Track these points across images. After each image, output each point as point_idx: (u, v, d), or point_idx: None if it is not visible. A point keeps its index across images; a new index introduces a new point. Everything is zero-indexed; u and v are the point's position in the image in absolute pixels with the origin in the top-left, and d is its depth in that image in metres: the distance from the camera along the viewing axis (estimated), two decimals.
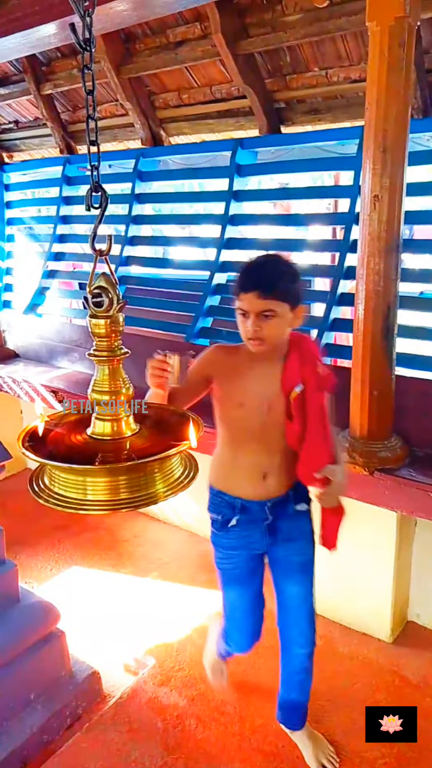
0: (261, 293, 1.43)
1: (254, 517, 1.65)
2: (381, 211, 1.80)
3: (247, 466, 1.63)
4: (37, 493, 1.00)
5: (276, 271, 1.47)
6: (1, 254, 4.18)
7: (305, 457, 1.59)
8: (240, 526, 1.66)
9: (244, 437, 1.61)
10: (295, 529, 1.70)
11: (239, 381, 1.58)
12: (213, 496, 1.72)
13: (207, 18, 2.58)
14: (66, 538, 3.07)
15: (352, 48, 2.42)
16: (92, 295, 0.95)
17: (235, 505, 1.65)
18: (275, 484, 1.63)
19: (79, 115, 3.58)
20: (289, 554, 1.71)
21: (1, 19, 2.62)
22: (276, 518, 1.66)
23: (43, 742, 1.90)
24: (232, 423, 1.62)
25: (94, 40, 0.87)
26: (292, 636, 1.77)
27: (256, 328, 1.45)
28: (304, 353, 1.57)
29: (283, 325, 1.48)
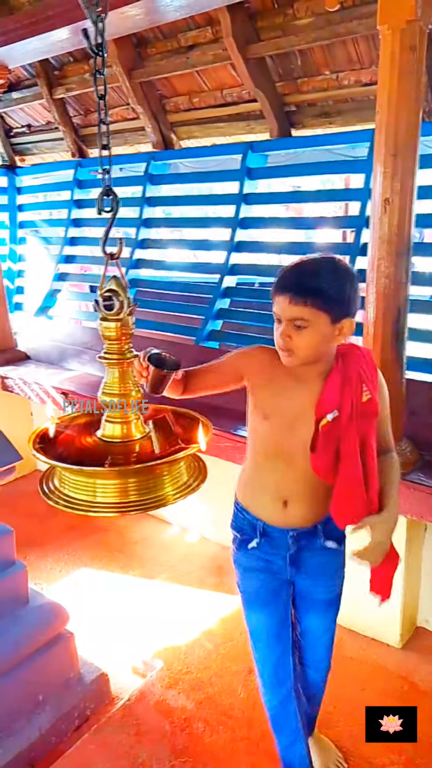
0: (293, 298, 1.23)
1: (276, 544, 1.47)
2: (392, 215, 1.80)
3: (268, 489, 1.45)
4: (47, 495, 1.00)
5: (317, 274, 1.24)
6: (13, 257, 4.22)
7: (335, 501, 1.37)
8: (261, 549, 1.49)
9: (267, 455, 1.44)
10: (322, 566, 1.50)
11: (270, 391, 1.39)
12: (236, 511, 1.56)
13: (218, 22, 2.59)
14: (75, 539, 3.08)
15: (363, 51, 2.42)
16: (103, 298, 0.96)
17: (256, 526, 1.48)
18: (298, 514, 1.43)
19: (91, 119, 3.61)
20: (315, 591, 1.54)
21: (14, 24, 2.65)
22: (300, 549, 1.47)
23: (51, 743, 1.90)
24: (257, 436, 1.45)
25: (106, 45, 0.87)
26: (306, 659, 1.64)
27: (285, 337, 1.26)
28: (349, 372, 1.33)
29: (319, 338, 1.25)
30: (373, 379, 1.35)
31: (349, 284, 1.26)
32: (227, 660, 2.23)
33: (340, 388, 1.31)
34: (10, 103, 3.81)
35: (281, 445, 1.38)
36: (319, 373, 1.33)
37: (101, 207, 0.92)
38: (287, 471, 1.39)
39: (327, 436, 1.31)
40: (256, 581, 1.55)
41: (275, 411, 1.38)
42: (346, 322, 1.27)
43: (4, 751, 1.79)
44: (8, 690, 1.84)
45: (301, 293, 1.22)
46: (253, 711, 2.00)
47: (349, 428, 1.31)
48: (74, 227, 3.82)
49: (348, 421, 1.30)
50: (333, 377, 1.32)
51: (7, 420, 3.55)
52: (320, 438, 1.31)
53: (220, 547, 2.98)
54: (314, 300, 1.22)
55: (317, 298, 1.22)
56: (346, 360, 1.35)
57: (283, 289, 1.24)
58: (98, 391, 1.03)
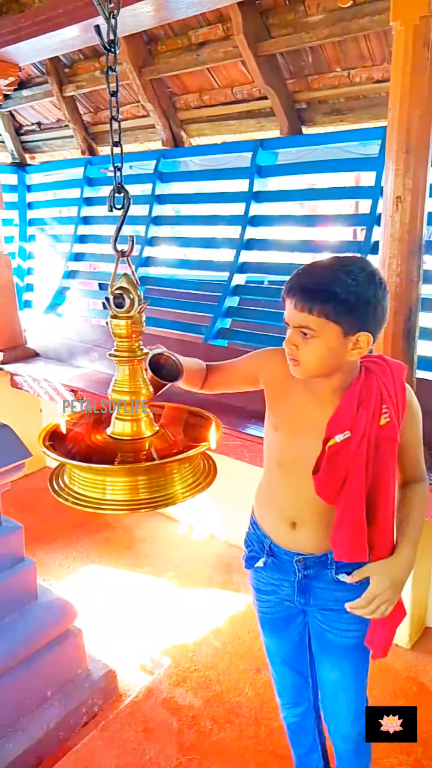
0: (297, 303, 1.10)
1: (283, 567, 1.34)
2: (404, 212, 1.79)
3: (277, 506, 1.34)
4: (57, 492, 1.00)
5: (329, 278, 1.08)
6: (23, 254, 4.23)
7: (335, 530, 1.22)
8: (267, 570, 1.38)
9: (276, 470, 1.32)
10: (334, 602, 1.31)
11: (282, 401, 1.29)
12: (250, 524, 1.44)
13: (229, 19, 2.58)
14: (83, 536, 3.09)
15: (374, 48, 2.40)
16: (114, 296, 0.96)
17: (264, 543, 1.37)
18: (307, 539, 1.29)
19: (101, 117, 3.61)
20: (328, 631, 1.35)
21: (25, 22, 2.65)
22: (308, 578, 1.32)
23: (59, 739, 1.91)
24: (269, 447, 1.35)
25: (119, 41, 0.87)
26: (327, 720, 1.46)
27: (290, 345, 1.15)
28: (369, 390, 1.18)
29: (326, 351, 1.12)
30: (399, 400, 1.20)
31: (370, 293, 1.09)
32: (235, 658, 2.23)
33: (356, 406, 1.17)
34: (21, 101, 3.81)
35: (290, 461, 1.28)
36: (335, 387, 1.20)
37: (113, 204, 0.91)
38: (296, 490, 1.27)
39: (334, 459, 1.17)
40: (265, 605, 1.44)
41: (285, 423, 1.28)
42: (362, 336, 1.11)
43: (12, 746, 1.81)
44: (17, 685, 1.85)
45: (307, 299, 1.09)
46: (260, 710, 2.00)
47: (359, 453, 1.16)
48: (84, 225, 3.82)
49: (359, 444, 1.16)
50: (349, 394, 1.18)
51: (17, 417, 3.56)
52: (326, 459, 1.18)
53: (228, 545, 2.98)
54: (322, 308, 1.08)
55: (326, 306, 1.08)
56: (369, 376, 1.20)
57: (289, 291, 1.13)
58: (108, 389, 1.02)
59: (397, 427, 1.19)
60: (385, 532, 1.23)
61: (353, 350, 1.13)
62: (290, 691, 1.52)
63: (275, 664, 1.52)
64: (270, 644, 1.50)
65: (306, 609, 1.38)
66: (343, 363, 1.16)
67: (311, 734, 1.55)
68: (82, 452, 1.04)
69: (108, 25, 0.85)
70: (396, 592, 1.20)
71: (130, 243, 0.95)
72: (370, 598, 1.18)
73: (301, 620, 1.42)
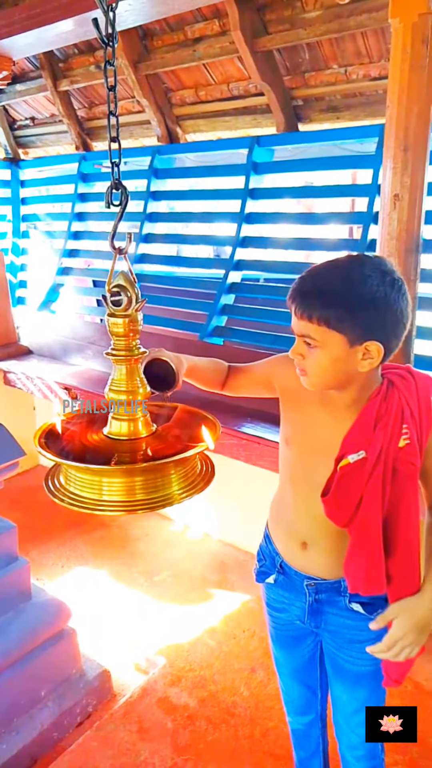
0: (297, 309, 1.03)
1: (294, 587, 1.28)
2: (401, 211, 1.78)
3: (287, 523, 1.27)
4: (52, 493, 0.99)
5: (330, 283, 1.00)
6: (16, 251, 4.20)
7: (348, 558, 1.13)
8: (278, 587, 1.32)
9: (288, 485, 1.26)
10: (347, 630, 1.24)
11: (295, 411, 1.21)
12: (264, 536, 1.39)
13: (226, 14, 2.56)
14: (78, 535, 3.07)
15: (372, 45, 2.38)
16: (111, 294, 0.94)
17: (275, 560, 1.31)
18: (319, 562, 1.21)
19: (96, 112, 3.58)
20: (340, 657, 1.29)
21: (19, 15, 2.62)
22: (320, 603, 1.25)
23: (53, 739, 1.90)
24: (281, 461, 1.28)
25: (117, 35, 0.85)
26: (341, 738, 1.39)
27: (296, 355, 1.07)
28: (390, 407, 1.07)
29: (332, 362, 1.03)
30: (423, 420, 1.09)
31: (379, 296, 0.98)
32: (230, 658, 2.22)
33: (373, 424, 1.07)
34: (14, 96, 3.77)
35: (301, 477, 1.20)
36: (351, 402, 1.11)
37: (110, 201, 0.90)
38: (308, 509, 1.18)
39: (346, 480, 1.08)
40: (276, 621, 1.39)
41: (296, 437, 1.21)
42: (371, 346, 1.01)
43: (6, 747, 1.79)
44: (10, 685, 1.83)
45: (306, 307, 1.01)
46: (255, 709, 2.00)
47: (374, 475, 1.06)
48: (78, 221, 3.79)
49: (374, 466, 1.06)
50: (367, 410, 1.08)
51: (10, 415, 3.54)
52: (336, 480, 1.08)
53: (223, 544, 2.98)
54: (321, 314, 0.99)
55: (325, 312, 0.99)
56: (392, 391, 1.09)
57: (290, 298, 1.05)
58: (105, 388, 1.01)
59: (417, 450, 1.08)
60: (408, 563, 1.11)
61: (363, 361, 1.03)
62: (297, 702, 1.49)
63: (283, 675, 1.49)
64: (279, 657, 1.46)
65: (318, 633, 1.32)
66: (356, 375, 1.06)
67: (316, 741, 1.53)
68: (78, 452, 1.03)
69: (106, 18, 0.83)
70: (422, 634, 1.10)
71: (128, 240, 0.93)
72: (392, 642, 1.09)
73: (312, 639, 1.36)
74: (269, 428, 2.33)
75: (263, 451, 2.28)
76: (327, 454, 1.11)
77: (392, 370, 1.14)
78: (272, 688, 2.07)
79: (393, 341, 1.04)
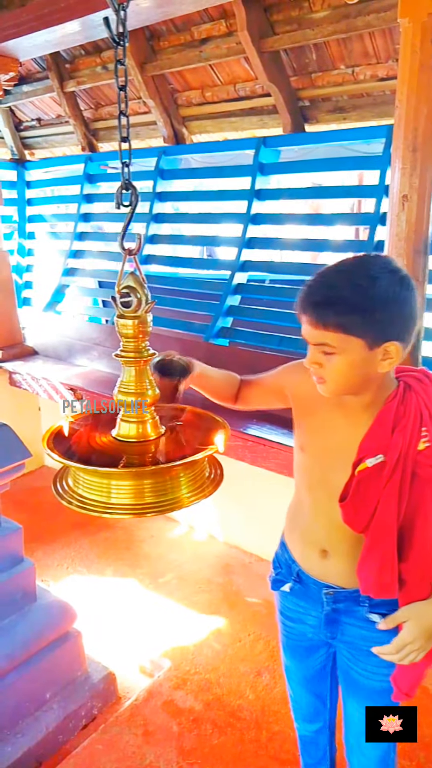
0: (311, 320, 1.00)
1: (310, 596, 1.26)
2: (410, 212, 1.77)
3: (305, 531, 1.25)
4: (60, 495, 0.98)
5: (342, 287, 0.98)
6: (22, 251, 4.20)
7: (361, 560, 1.12)
8: (294, 596, 1.30)
9: (304, 492, 1.24)
10: (362, 640, 1.21)
11: (310, 417, 1.19)
12: (280, 544, 1.37)
13: (233, 15, 2.56)
14: (83, 536, 3.06)
15: (379, 45, 2.38)
16: (120, 295, 0.94)
17: (292, 568, 1.29)
18: (339, 570, 1.19)
19: (102, 113, 3.58)
20: (355, 671, 1.25)
21: (26, 16, 2.62)
22: (337, 612, 1.23)
23: (58, 741, 1.89)
24: (296, 468, 1.26)
25: (128, 34, 0.85)
26: (351, 758, 1.35)
27: (313, 364, 1.05)
28: (408, 409, 1.06)
29: (349, 367, 1.02)
30: None
31: (392, 295, 0.97)
32: (235, 661, 2.21)
33: (391, 427, 1.05)
34: (21, 97, 3.78)
35: (318, 484, 1.18)
36: (367, 404, 1.09)
37: (120, 201, 0.89)
38: (326, 516, 1.16)
39: (364, 485, 1.06)
40: (289, 631, 1.37)
41: (312, 443, 1.19)
42: (391, 346, 1.00)
43: (11, 749, 1.78)
44: (16, 687, 1.83)
45: (321, 315, 0.98)
46: (261, 713, 1.99)
47: (393, 480, 1.04)
48: (83, 222, 3.79)
49: (393, 470, 1.04)
50: (384, 413, 1.07)
51: (15, 415, 3.54)
52: (354, 486, 1.07)
53: (228, 546, 2.97)
54: (338, 321, 0.97)
55: (342, 319, 0.97)
56: (409, 394, 1.08)
57: (301, 306, 1.02)
58: (114, 390, 1.00)
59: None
60: (423, 568, 1.10)
61: (383, 362, 1.02)
62: (306, 710, 1.47)
63: (293, 683, 1.46)
64: (290, 666, 1.44)
65: (333, 644, 1.29)
66: (375, 376, 1.05)
67: (323, 748, 1.52)
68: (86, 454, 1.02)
69: (117, 17, 0.83)
70: (430, 640, 1.09)
71: (137, 241, 0.93)
72: (400, 645, 1.09)
73: (325, 651, 1.34)
74: (275, 430, 2.32)
75: (269, 452, 2.28)
76: (344, 459, 1.10)
77: (408, 373, 1.13)
78: (278, 692, 2.06)
79: (408, 339, 1.03)
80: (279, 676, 2.13)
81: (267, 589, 1.42)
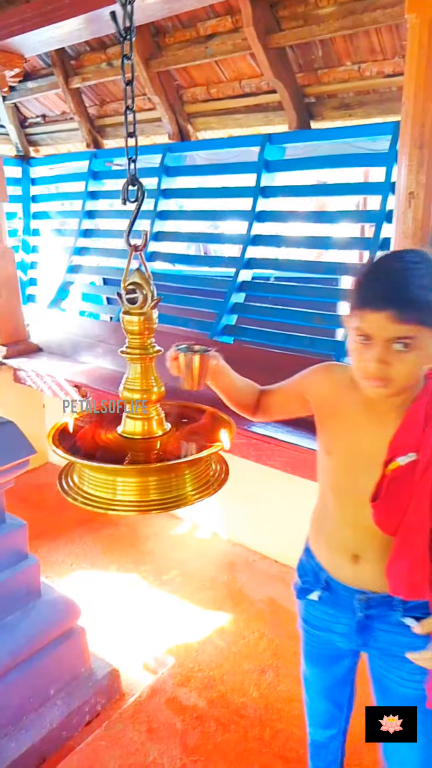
0: (399, 313, 0.95)
1: (341, 603, 1.23)
2: (416, 209, 1.76)
3: (335, 537, 1.22)
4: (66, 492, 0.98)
5: (422, 282, 0.97)
6: (26, 248, 4.20)
7: (390, 560, 1.11)
8: (323, 604, 1.27)
9: (331, 496, 1.21)
10: (396, 646, 1.18)
11: (336, 420, 1.17)
12: (304, 550, 1.33)
13: (238, 11, 2.55)
14: (86, 533, 3.07)
15: (386, 42, 2.36)
16: (126, 291, 0.93)
17: (319, 576, 1.26)
18: (372, 574, 1.16)
19: (107, 110, 3.58)
20: (389, 678, 1.22)
21: (31, 12, 2.62)
22: (370, 618, 1.20)
23: (62, 737, 1.89)
24: (322, 472, 1.24)
25: (134, 29, 0.84)
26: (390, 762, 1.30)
27: (381, 364, 0.99)
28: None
29: (422, 361, 1.00)
30: None
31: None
32: (239, 658, 2.21)
33: (422, 424, 1.04)
34: (26, 93, 3.78)
35: (346, 486, 1.16)
36: (397, 403, 1.07)
37: (126, 197, 0.89)
38: (356, 519, 1.14)
39: (396, 484, 1.05)
40: (314, 639, 1.33)
41: (339, 447, 1.17)
42: None
43: (15, 745, 1.79)
44: (20, 684, 1.83)
45: (404, 309, 0.95)
46: (265, 711, 1.99)
47: (425, 478, 1.03)
48: (88, 219, 3.79)
49: (426, 468, 1.03)
50: (414, 410, 1.05)
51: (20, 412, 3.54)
52: (385, 485, 1.06)
53: (232, 544, 2.96)
54: (420, 317, 0.96)
55: (423, 314, 0.96)
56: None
57: (383, 302, 0.96)
58: (119, 386, 1.00)
59: None
60: None
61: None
62: (322, 718, 1.44)
63: (312, 692, 1.43)
64: (310, 675, 1.40)
65: (364, 649, 1.26)
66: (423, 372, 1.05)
67: (334, 753, 1.49)
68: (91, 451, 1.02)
69: (124, 11, 0.82)
70: None
71: (143, 237, 0.92)
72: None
73: (351, 660, 1.32)
74: (280, 428, 2.31)
75: (273, 450, 2.27)
76: (372, 459, 1.09)
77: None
78: (282, 690, 2.06)
79: None
80: (283, 674, 2.13)
81: (271, 587, 1.42)
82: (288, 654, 2.21)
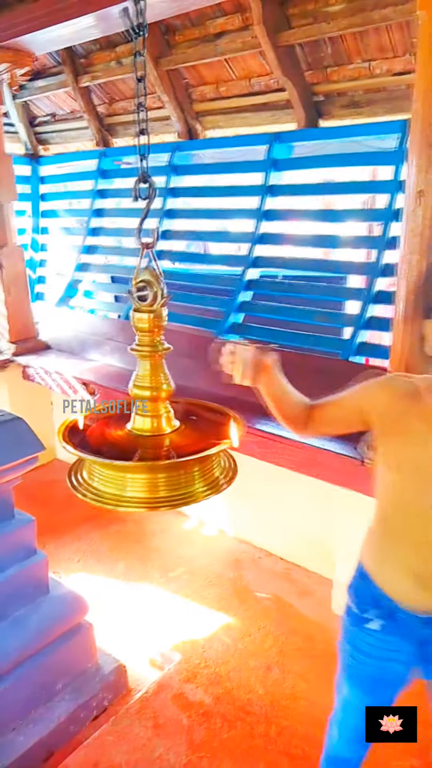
0: None
1: (406, 632, 1.17)
2: (425, 207, 1.75)
3: (402, 560, 1.16)
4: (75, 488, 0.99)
5: None
6: (35, 246, 4.22)
7: None
8: (384, 632, 1.20)
9: (395, 516, 1.16)
10: None
11: (400, 438, 1.12)
12: (358, 575, 1.26)
13: (248, 9, 2.54)
14: (94, 529, 3.08)
15: (396, 39, 2.35)
16: (137, 289, 0.94)
17: (381, 603, 1.19)
18: None
19: (116, 108, 3.58)
20: None
21: (40, 11, 2.62)
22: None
23: (70, 732, 1.91)
24: (385, 491, 1.18)
25: (147, 25, 0.85)
26: None
27: None
28: None
29: None
30: None
31: None
32: (245, 655, 2.22)
33: None
34: (35, 92, 3.78)
35: (417, 506, 1.11)
36: None
37: (137, 194, 0.89)
38: (425, 542, 1.10)
39: None
40: (363, 666, 1.26)
41: (407, 462, 1.12)
42: None
43: (24, 738, 1.80)
44: (28, 677, 1.84)
45: None
46: (271, 708, 1.99)
47: None
48: (96, 217, 3.80)
49: None
50: None
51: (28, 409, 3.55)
52: None
53: (238, 541, 2.97)
54: None
55: None
56: None
57: None
58: (129, 384, 1.01)
59: None
60: None
61: None
62: (355, 734, 1.35)
63: (349, 712, 1.35)
64: (353, 697, 1.31)
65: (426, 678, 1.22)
66: None
67: (350, 764, 1.43)
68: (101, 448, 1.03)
69: (136, 8, 0.82)
70: None
71: (154, 235, 0.93)
72: None
73: (404, 684, 1.26)
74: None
75: (279, 448, 2.27)
76: None
77: None
78: (287, 687, 2.07)
79: None
80: (288, 671, 2.14)
81: (277, 585, 1.42)
82: (293, 651, 2.21)
